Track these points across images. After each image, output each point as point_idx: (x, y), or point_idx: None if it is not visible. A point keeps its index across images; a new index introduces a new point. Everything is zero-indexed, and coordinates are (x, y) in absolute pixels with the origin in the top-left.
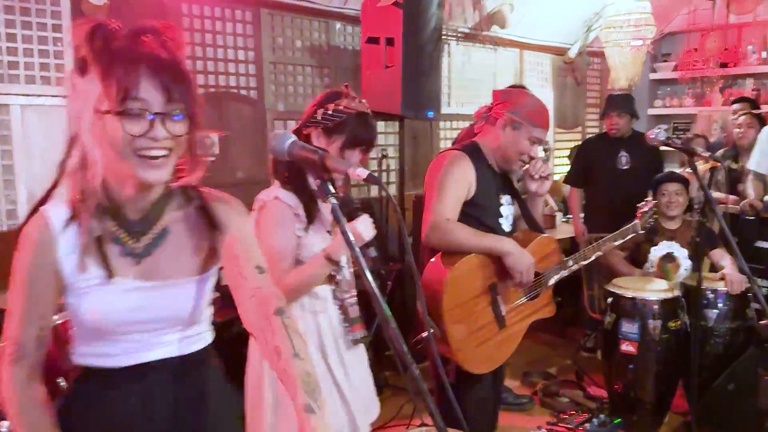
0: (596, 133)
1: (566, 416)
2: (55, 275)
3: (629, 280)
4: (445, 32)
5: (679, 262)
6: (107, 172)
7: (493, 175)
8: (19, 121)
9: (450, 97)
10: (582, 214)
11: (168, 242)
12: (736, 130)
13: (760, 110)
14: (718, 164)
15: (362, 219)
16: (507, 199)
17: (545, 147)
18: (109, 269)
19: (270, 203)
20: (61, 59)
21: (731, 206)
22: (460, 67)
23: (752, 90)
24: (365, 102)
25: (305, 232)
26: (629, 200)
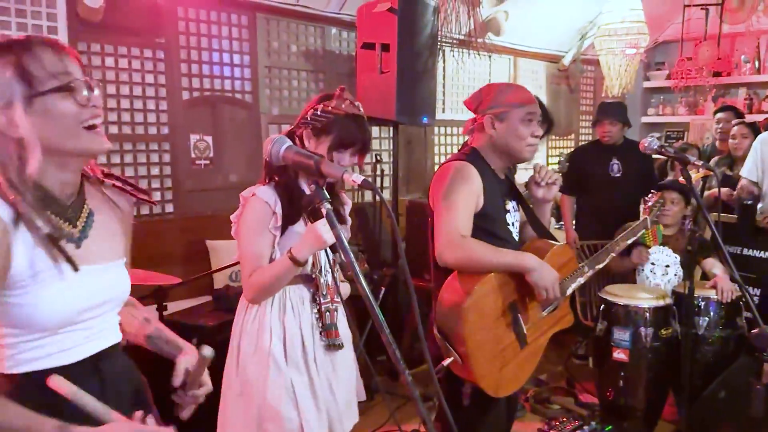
0: (588, 141)
1: (557, 423)
2: (4, 271)
3: (621, 288)
4: (440, 39)
5: (658, 230)
6: (41, 161)
7: (498, 181)
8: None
9: (444, 104)
10: (573, 222)
11: (96, 224)
12: (731, 141)
13: (744, 119)
14: (711, 173)
15: (323, 221)
16: (512, 205)
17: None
18: (74, 264)
19: (249, 200)
20: None
21: (724, 214)
22: (454, 74)
23: (745, 99)
24: (358, 104)
25: (282, 230)
26: (620, 207)
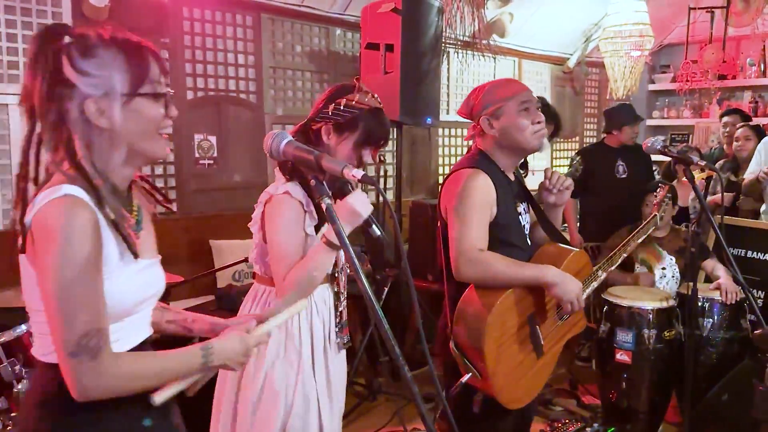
0: (593, 143)
1: (560, 425)
2: (101, 257)
3: (625, 290)
4: (444, 40)
5: (658, 252)
6: (114, 154)
7: (509, 183)
8: (18, 121)
9: (449, 105)
10: (578, 224)
11: (145, 221)
12: (735, 143)
13: (751, 121)
14: (714, 174)
15: (356, 194)
16: (523, 207)
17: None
18: (135, 251)
19: (278, 197)
20: None
21: (727, 216)
22: (458, 75)
23: (750, 102)
24: (377, 97)
25: (317, 228)
26: (625, 209)
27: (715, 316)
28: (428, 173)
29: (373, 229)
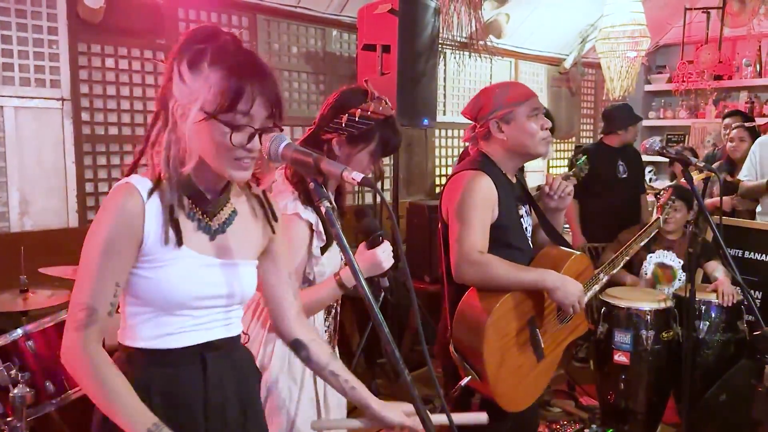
0: (593, 143)
1: (558, 426)
2: (137, 245)
3: (623, 290)
4: (441, 41)
5: (672, 272)
6: (197, 159)
7: (511, 186)
8: (13, 123)
9: (445, 106)
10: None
11: (237, 223)
12: (729, 144)
13: (753, 123)
14: (712, 174)
15: (384, 247)
16: (525, 210)
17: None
18: (179, 236)
19: (287, 218)
20: (56, 62)
21: (726, 217)
22: (455, 76)
23: (746, 103)
24: (389, 103)
25: (323, 250)
26: (625, 208)
27: (712, 318)
28: (425, 174)
29: (384, 279)
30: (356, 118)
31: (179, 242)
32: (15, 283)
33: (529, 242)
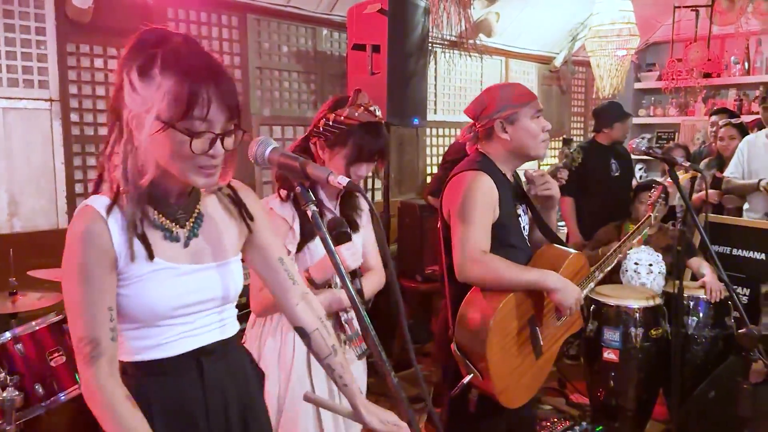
0: (585, 142)
1: (549, 423)
2: (112, 266)
3: (612, 288)
4: (431, 40)
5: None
6: (156, 169)
7: (509, 186)
8: (1, 124)
9: (436, 105)
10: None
11: (207, 225)
12: (720, 142)
13: (739, 120)
14: (698, 174)
15: (349, 245)
16: (522, 209)
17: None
18: (149, 250)
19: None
20: (45, 63)
21: (713, 215)
22: (446, 75)
23: (734, 100)
24: (375, 108)
25: (298, 248)
26: (619, 206)
27: (701, 314)
28: (416, 173)
29: (355, 282)
30: (331, 123)
31: (150, 256)
32: (4, 285)
33: (527, 241)
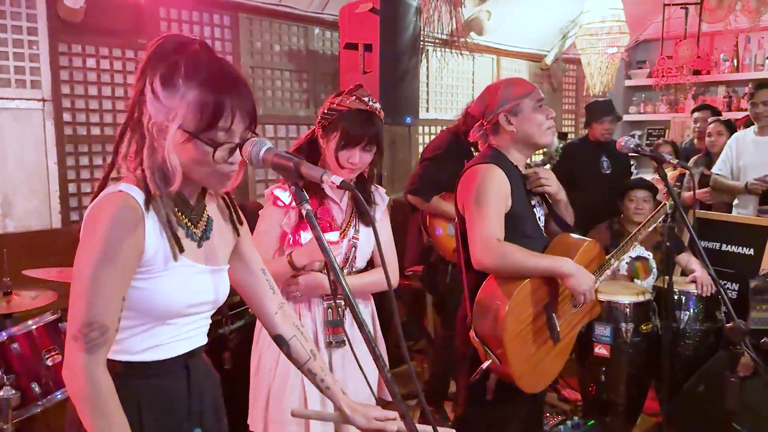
0: (577, 138)
1: None
2: (139, 255)
3: (602, 284)
4: (423, 39)
5: (648, 265)
6: (181, 175)
7: (522, 178)
8: None
9: (428, 103)
10: None
11: (215, 229)
12: (708, 139)
13: (720, 116)
14: (686, 171)
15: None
16: (536, 200)
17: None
18: (179, 247)
19: (267, 198)
20: (37, 63)
21: (702, 211)
22: (437, 74)
23: (724, 97)
24: (369, 98)
25: (292, 228)
26: (609, 204)
27: (691, 309)
28: (409, 171)
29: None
30: (326, 111)
31: (180, 250)
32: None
33: (543, 231)
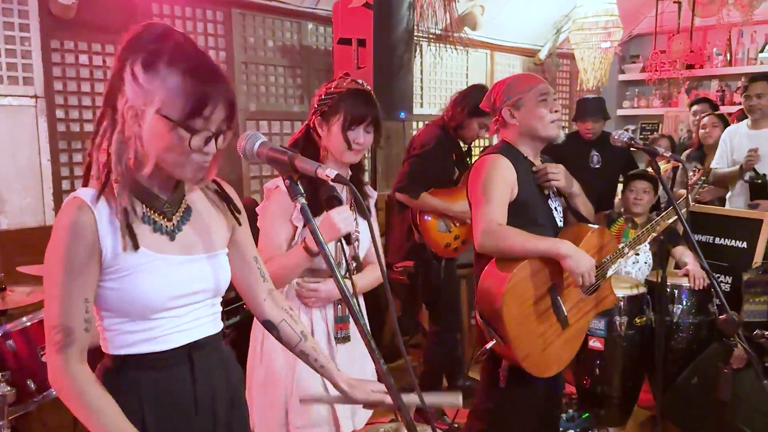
0: (567, 133)
1: None
2: (97, 259)
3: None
4: (417, 34)
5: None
6: (153, 161)
7: (533, 168)
8: None
9: (422, 98)
10: None
11: (195, 218)
12: (702, 131)
13: (718, 110)
14: (680, 164)
15: (340, 209)
16: (552, 192)
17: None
18: (134, 240)
19: (271, 192)
20: (29, 59)
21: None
22: (431, 69)
23: (717, 91)
24: (362, 81)
25: (302, 223)
26: (599, 198)
27: (684, 302)
28: None
29: (353, 247)
30: (323, 96)
31: (135, 246)
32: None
33: (558, 221)
